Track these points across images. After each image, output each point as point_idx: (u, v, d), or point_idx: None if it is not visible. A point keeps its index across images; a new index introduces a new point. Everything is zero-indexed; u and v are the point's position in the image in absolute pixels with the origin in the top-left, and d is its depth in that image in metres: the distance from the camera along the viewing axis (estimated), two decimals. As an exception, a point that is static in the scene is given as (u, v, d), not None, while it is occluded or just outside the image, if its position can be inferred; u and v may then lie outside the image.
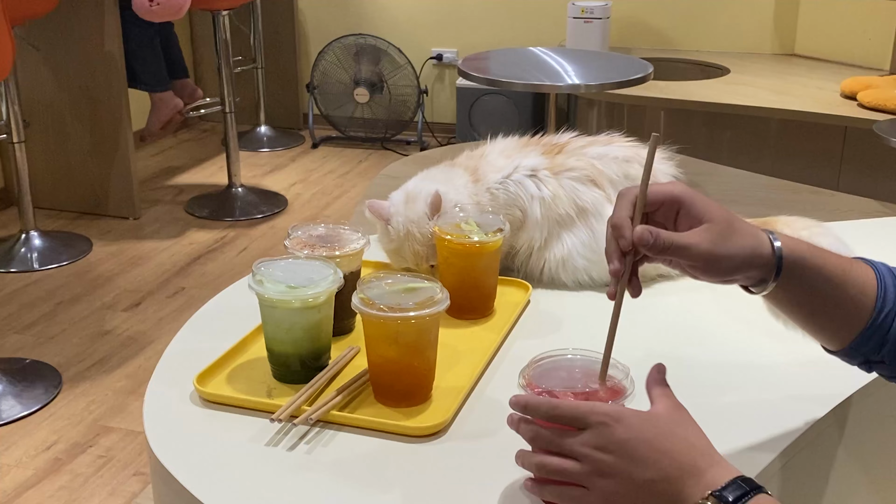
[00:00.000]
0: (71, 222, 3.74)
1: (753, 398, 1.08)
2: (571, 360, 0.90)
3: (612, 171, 1.31)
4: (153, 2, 3.25)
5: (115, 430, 2.41)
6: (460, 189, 1.31)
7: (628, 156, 1.33)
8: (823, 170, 3.46)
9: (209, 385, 1.05)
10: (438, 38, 4.79)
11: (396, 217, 1.28)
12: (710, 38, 4.49)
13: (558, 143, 1.34)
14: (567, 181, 1.30)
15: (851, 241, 1.52)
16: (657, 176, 1.33)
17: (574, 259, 1.30)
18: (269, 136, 4.86)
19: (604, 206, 1.29)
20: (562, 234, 1.31)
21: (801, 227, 1.29)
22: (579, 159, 1.31)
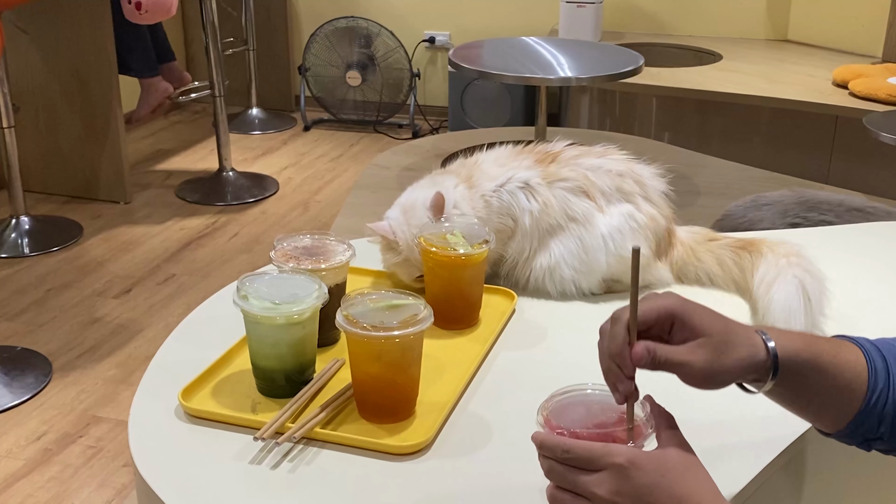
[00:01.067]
0: (61, 206, 3.74)
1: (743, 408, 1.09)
2: (590, 395, 0.88)
3: (604, 184, 1.31)
4: (141, 8, 3.24)
5: (105, 421, 2.42)
6: (453, 192, 1.31)
7: (622, 170, 1.34)
8: (814, 159, 3.47)
9: (194, 400, 1.06)
10: (431, 20, 4.77)
11: (401, 230, 1.29)
12: (703, 23, 4.48)
13: (552, 153, 1.35)
14: (559, 191, 1.30)
15: (836, 248, 1.53)
16: (648, 191, 1.34)
17: (561, 269, 1.31)
18: (261, 118, 4.84)
19: (594, 216, 1.30)
20: (549, 243, 1.31)
21: (783, 253, 1.30)
22: (573, 170, 1.32)
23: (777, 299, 1.23)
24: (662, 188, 1.37)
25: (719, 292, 1.37)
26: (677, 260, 1.37)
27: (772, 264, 1.28)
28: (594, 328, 1.26)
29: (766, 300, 1.25)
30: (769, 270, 1.27)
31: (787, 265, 1.27)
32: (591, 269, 1.31)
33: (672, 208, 1.37)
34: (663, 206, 1.35)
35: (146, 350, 2.72)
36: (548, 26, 4.52)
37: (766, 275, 1.27)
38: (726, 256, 1.36)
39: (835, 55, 4.11)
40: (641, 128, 3.77)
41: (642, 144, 3.14)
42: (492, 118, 4.40)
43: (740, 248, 1.36)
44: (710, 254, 1.38)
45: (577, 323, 1.29)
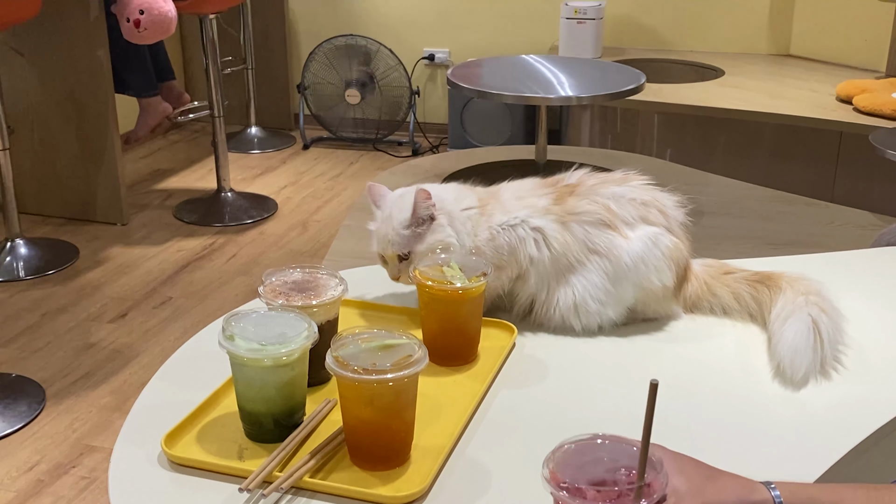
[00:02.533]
0: (58, 229, 3.69)
1: (750, 446, 1.05)
2: (600, 446, 0.83)
3: (628, 214, 1.27)
4: (140, 27, 3.20)
5: (98, 450, 2.37)
6: (465, 204, 1.28)
7: (646, 200, 1.29)
8: (818, 175, 3.43)
9: (177, 446, 1.01)
10: (430, 38, 4.74)
11: (385, 202, 1.29)
12: (704, 39, 4.45)
13: (570, 185, 1.30)
14: (577, 227, 1.26)
15: (848, 274, 1.49)
16: (671, 222, 1.30)
17: (587, 303, 1.26)
18: (260, 137, 4.81)
19: (616, 247, 1.25)
20: (571, 279, 1.26)
21: (803, 290, 1.26)
22: (592, 202, 1.27)
23: (786, 337, 1.19)
24: (682, 219, 1.33)
25: (733, 321, 1.32)
26: (691, 294, 1.33)
27: (789, 300, 1.25)
28: (596, 363, 1.23)
29: (777, 337, 1.21)
30: (786, 307, 1.24)
31: (804, 303, 1.23)
32: (619, 300, 1.27)
33: (690, 240, 1.33)
34: (684, 238, 1.32)
35: (141, 377, 2.67)
36: (548, 43, 4.49)
37: (783, 311, 1.24)
38: (743, 290, 1.32)
39: (838, 70, 4.07)
40: (643, 145, 3.73)
41: (644, 163, 3.09)
42: (492, 135, 4.36)
43: (758, 282, 1.32)
44: (726, 287, 1.34)
45: (579, 358, 1.24)
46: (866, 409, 1.12)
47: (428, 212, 1.25)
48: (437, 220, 1.26)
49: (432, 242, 1.25)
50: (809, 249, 1.61)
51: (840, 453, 1.03)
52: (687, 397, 1.16)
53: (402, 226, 1.25)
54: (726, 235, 2.47)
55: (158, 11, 3.22)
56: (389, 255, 1.27)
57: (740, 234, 2.50)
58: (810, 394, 1.16)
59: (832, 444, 1.05)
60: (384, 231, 1.27)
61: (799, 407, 1.13)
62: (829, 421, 1.11)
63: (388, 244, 1.26)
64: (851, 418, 1.10)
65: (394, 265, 1.28)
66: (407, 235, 1.25)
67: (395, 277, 1.28)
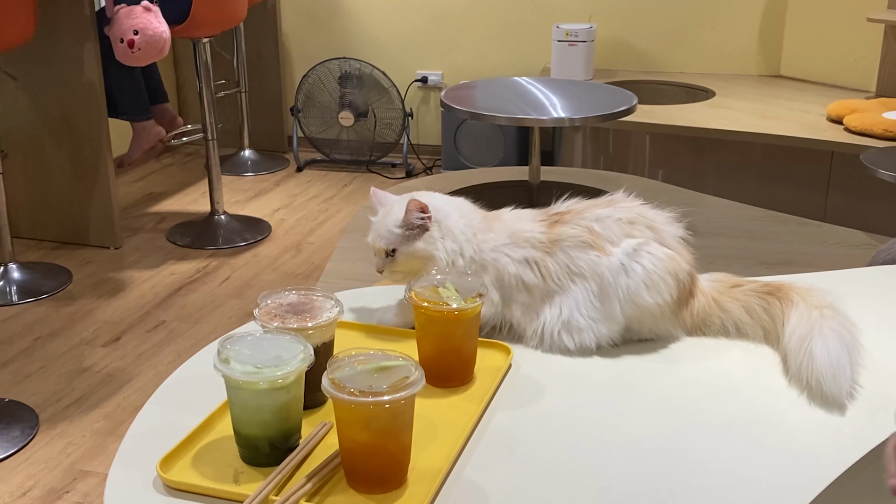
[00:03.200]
0: (50, 252, 3.69)
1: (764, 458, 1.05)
2: None
3: (612, 233, 1.27)
4: (134, 48, 3.21)
5: (92, 475, 2.35)
6: (466, 221, 1.30)
7: (632, 218, 1.29)
8: (810, 195, 3.44)
9: (173, 470, 1.01)
10: (423, 60, 4.76)
11: (389, 200, 1.33)
12: (695, 60, 4.47)
13: (559, 213, 1.32)
14: (561, 253, 1.27)
15: (843, 293, 1.49)
16: (663, 236, 1.30)
17: (577, 321, 1.26)
18: (254, 159, 4.82)
19: (598, 265, 1.26)
20: (556, 301, 1.27)
21: (816, 304, 1.25)
22: (575, 226, 1.28)
23: (819, 354, 1.17)
24: (679, 233, 1.32)
25: (746, 342, 1.32)
26: (698, 311, 1.32)
27: (804, 316, 1.23)
28: (592, 383, 1.23)
29: (803, 355, 1.19)
30: (801, 322, 1.23)
31: (820, 317, 1.22)
32: (609, 317, 1.26)
33: (693, 254, 1.32)
34: (682, 250, 1.30)
35: (135, 401, 2.66)
36: (539, 65, 4.51)
37: (799, 327, 1.22)
38: (754, 303, 1.31)
39: (828, 90, 4.10)
40: (635, 165, 3.74)
41: (637, 183, 3.11)
42: (486, 157, 4.37)
43: (768, 294, 1.30)
44: (736, 301, 1.32)
45: (576, 378, 1.24)
46: (865, 427, 1.12)
47: (418, 223, 1.28)
48: (429, 231, 1.28)
49: (418, 249, 1.28)
50: (803, 269, 1.61)
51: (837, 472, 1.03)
52: (685, 417, 1.15)
53: (395, 223, 1.29)
54: (719, 255, 2.47)
55: (153, 32, 3.23)
56: (377, 247, 1.30)
57: (733, 254, 2.51)
58: (814, 413, 1.15)
59: (827, 466, 1.05)
60: (380, 223, 1.31)
61: (810, 426, 1.13)
62: (823, 444, 1.11)
63: (378, 237, 1.30)
64: (854, 437, 1.10)
65: (380, 258, 1.31)
66: (397, 234, 1.28)
67: (379, 270, 1.32)
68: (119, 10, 3.27)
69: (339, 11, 4.80)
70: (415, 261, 1.28)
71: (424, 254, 1.27)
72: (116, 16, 3.27)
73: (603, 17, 4.45)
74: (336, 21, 4.82)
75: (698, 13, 4.41)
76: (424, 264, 1.27)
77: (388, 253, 1.29)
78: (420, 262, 1.27)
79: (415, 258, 1.28)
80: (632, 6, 4.45)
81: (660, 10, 4.44)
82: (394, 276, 1.30)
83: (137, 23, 3.22)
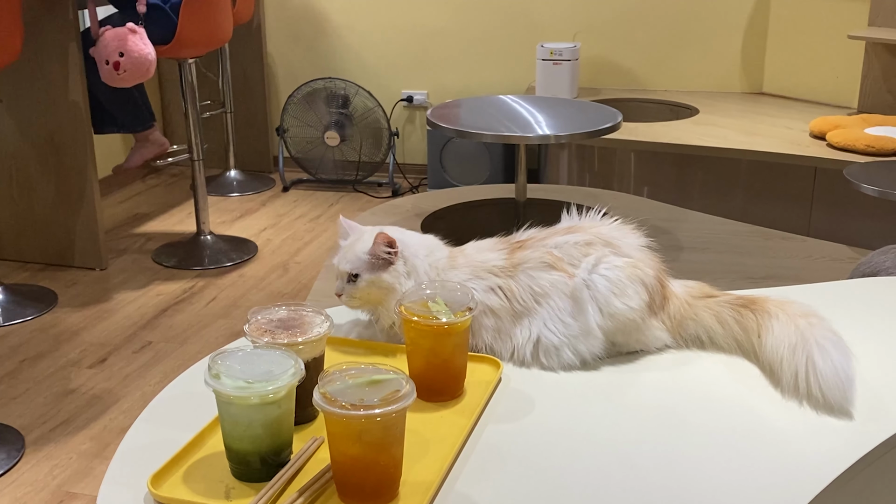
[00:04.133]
0: (36, 274, 3.67)
1: (755, 466, 1.05)
2: None
3: (571, 257, 1.30)
4: (120, 69, 3.21)
5: (79, 497, 2.33)
6: (434, 257, 1.32)
7: (588, 240, 1.31)
8: (794, 211, 3.47)
9: (164, 487, 1.00)
10: (408, 80, 4.78)
11: (354, 235, 1.34)
12: (678, 78, 4.51)
13: (520, 241, 1.34)
14: (522, 274, 1.29)
15: (828, 305, 1.50)
16: (622, 248, 1.31)
17: (548, 338, 1.27)
18: (239, 180, 4.82)
19: (564, 285, 1.28)
20: (523, 321, 1.29)
21: (799, 313, 1.26)
22: (536, 251, 1.31)
23: (824, 366, 1.18)
24: (640, 242, 1.34)
25: (721, 355, 1.33)
26: (675, 314, 1.33)
27: (788, 325, 1.24)
28: (582, 395, 1.23)
29: (801, 364, 1.20)
30: (787, 332, 1.23)
31: (808, 326, 1.23)
32: (585, 331, 1.27)
33: (660, 259, 1.34)
34: (644, 258, 1.32)
35: (121, 422, 2.65)
36: (524, 84, 4.54)
37: (787, 336, 1.23)
38: (726, 314, 1.32)
39: (810, 107, 4.14)
40: (621, 182, 3.76)
41: (622, 200, 3.12)
42: (472, 175, 4.39)
43: (741, 307, 1.31)
44: (709, 310, 1.33)
45: (566, 391, 1.24)
46: (853, 436, 1.13)
47: (384, 255, 1.29)
48: (395, 266, 1.29)
49: (382, 279, 1.29)
50: (788, 283, 1.63)
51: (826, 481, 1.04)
52: (675, 428, 1.16)
53: (363, 250, 1.29)
54: (705, 270, 2.49)
55: (138, 53, 3.23)
56: (341, 270, 1.31)
57: (718, 269, 2.52)
58: (804, 423, 1.16)
59: (818, 474, 1.06)
60: (348, 248, 1.32)
61: (795, 434, 1.14)
62: (814, 452, 1.11)
63: (344, 260, 1.31)
64: (844, 446, 1.11)
65: (341, 281, 1.31)
66: (363, 260, 1.29)
67: (338, 294, 1.32)
68: (104, 32, 3.28)
69: (324, 32, 4.82)
70: (376, 290, 1.29)
71: (387, 285, 1.28)
72: (102, 38, 3.27)
73: (587, 35, 4.48)
74: (321, 41, 4.83)
75: (682, 32, 4.45)
76: (384, 296, 1.29)
77: (351, 277, 1.30)
78: (380, 293, 1.29)
79: (376, 287, 1.29)
80: (616, 25, 4.49)
81: (643, 28, 4.47)
82: (351, 301, 1.31)
83: (122, 45, 3.22)
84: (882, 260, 1.91)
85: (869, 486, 1.14)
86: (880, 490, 1.18)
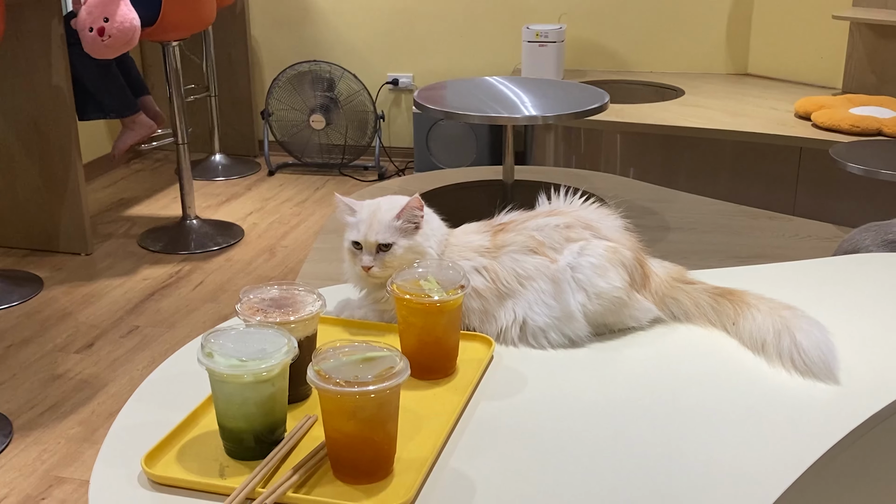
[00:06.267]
0: (21, 260, 3.65)
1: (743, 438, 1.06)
2: None
3: (552, 240, 1.31)
4: (104, 35, 3.18)
5: (68, 481, 2.33)
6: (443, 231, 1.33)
7: (568, 222, 1.33)
8: (780, 191, 3.48)
9: (158, 466, 1.00)
10: (394, 62, 4.77)
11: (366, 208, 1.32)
12: (664, 60, 4.51)
13: (502, 223, 1.36)
14: (506, 257, 1.30)
15: (814, 282, 1.51)
16: (602, 231, 1.33)
17: (533, 320, 1.29)
18: (225, 164, 4.79)
19: (546, 267, 1.29)
20: (507, 304, 1.29)
21: (780, 306, 1.29)
22: (519, 234, 1.32)
23: (809, 347, 1.22)
24: (619, 224, 1.37)
25: (706, 330, 1.34)
26: (656, 290, 1.35)
27: (771, 314, 1.28)
28: (574, 373, 1.24)
29: (785, 345, 1.23)
30: (769, 320, 1.27)
31: (792, 316, 1.27)
32: (568, 314, 1.28)
33: (638, 239, 1.37)
34: (623, 239, 1.34)
35: (110, 406, 2.64)
36: (510, 66, 4.53)
37: (771, 324, 1.26)
38: (703, 300, 1.35)
39: (795, 87, 4.15)
40: (607, 164, 3.77)
41: (609, 181, 3.13)
42: (458, 158, 4.38)
43: (719, 296, 1.35)
44: (687, 295, 1.36)
45: (557, 368, 1.25)
46: (840, 411, 1.14)
47: (417, 220, 1.29)
48: (422, 229, 1.30)
49: (417, 243, 1.29)
50: (774, 262, 1.63)
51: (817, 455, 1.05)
52: (667, 404, 1.16)
53: (390, 217, 1.28)
54: (692, 250, 2.50)
55: (123, 18, 3.20)
56: (370, 241, 1.28)
57: (705, 249, 2.53)
58: (793, 399, 1.17)
59: (806, 449, 1.07)
60: (369, 219, 1.29)
61: (782, 409, 1.15)
62: (802, 428, 1.12)
63: (371, 232, 1.28)
64: (827, 422, 1.12)
65: (370, 254, 1.29)
66: (395, 227, 1.28)
67: (368, 267, 1.29)
68: (87, 1, 3.24)
69: (309, 15, 4.79)
70: (411, 255, 1.29)
71: (421, 248, 1.29)
72: (85, 5, 3.24)
73: (573, 17, 4.47)
74: (306, 24, 4.81)
75: (667, 13, 4.44)
76: (414, 260, 1.28)
77: (381, 248, 1.29)
78: (414, 257, 1.28)
79: (412, 252, 1.29)
80: (601, 7, 4.48)
81: (629, 10, 4.47)
82: (385, 271, 1.28)
83: (107, 10, 3.19)
84: (863, 237, 1.93)
85: (858, 460, 1.15)
86: (870, 463, 1.19)
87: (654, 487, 0.99)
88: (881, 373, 1.23)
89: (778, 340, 1.24)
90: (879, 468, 1.23)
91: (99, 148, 4.57)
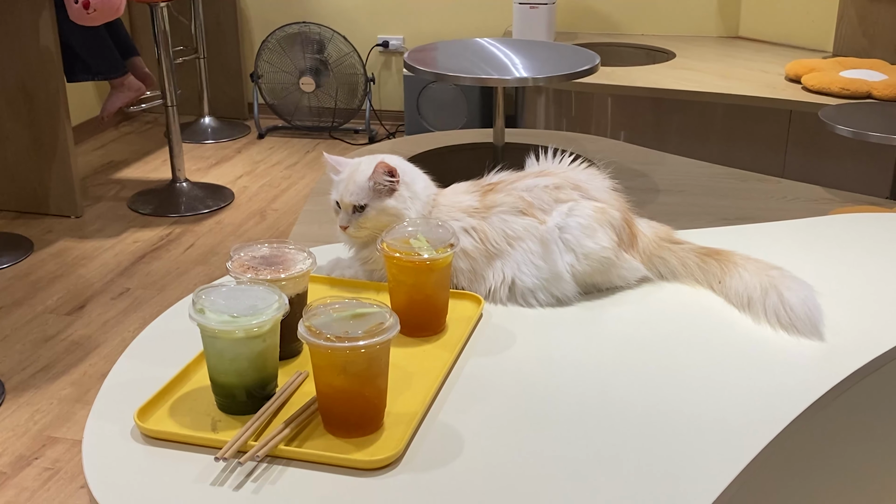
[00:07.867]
0: (10, 222, 3.64)
1: (729, 393, 1.07)
2: None
3: (541, 201, 1.32)
4: (89, 8, 3.16)
5: (61, 441, 2.35)
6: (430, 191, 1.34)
7: (557, 183, 1.34)
8: (769, 153, 3.49)
9: (150, 420, 1.02)
10: (384, 24, 4.74)
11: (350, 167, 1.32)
12: (655, 22, 4.49)
13: (491, 183, 1.36)
14: (495, 217, 1.31)
15: (798, 241, 1.52)
16: (591, 192, 1.34)
17: (521, 280, 1.29)
18: (214, 127, 4.77)
19: (535, 228, 1.30)
20: (496, 264, 1.30)
21: (767, 266, 1.31)
22: (508, 195, 1.32)
23: (795, 304, 1.23)
24: (608, 185, 1.37)
25: (692, 288, 1.35)
26: (644, 249, 1.36)
27: (758, 274, 1.29)
28: (562, 329, 1.25)
29: (772, 301, 1.25)
30: (756, 280, 1.28)
31: (779, 275, 1.28)
32: (556, 275, 1.29)
33: (626, 199, 1.38)
34: (611, 199, 1.35)
35: (101, 367, 2.65)
36: (501, 28, 4.51)
37: (758, 282, 1.28)
38: (690, 260, 1.36)
39: (786, 50, 4.14)
40: (598, 127, 3.76)
41: (599, 143, 3.13)
42: (449, 121, 4.37)
43: (706, 255, 1.36)
44: (674, 254, 1.38)
45: (545, 326, 1.26)
46: (826, 367, 1.16)
47: (385, 184, 1.29)
48: (399, 191, 1.30)
49: (388, 206, 1.29)
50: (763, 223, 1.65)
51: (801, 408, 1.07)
52: (652, 358, 1.18)
53: (365, 178, 1.29)
54: (681, 212, 2.51)
55: None
56: (346, 202, 1.30)
57: (695, 211, 2.54)
58: (781, 353, 1.19)
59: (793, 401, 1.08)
60: (348, 180, 1.30)
61: (767, 365, 1.17)
62: (789, 379, 1.14)
63: (347, 192, 1.30)
64: (811, 378, 1.14)
65: (346, 213, 1.30)
66: (366, 188, 1.29)
67: (344, 227, 1.30)
68: (73, -30, 3.22)
69: (298, -24, 4.75)
70: (385, 217, 1.28)
71: (395, 211, 1.29)
72: (70, -26, 3.21)
73: (563, -21, 4.44)
74: (295, -14, 4.77)
75: (658, -25, 4.42)
76: (390, 223, 1.28)
77: (357, 209, 1.29)
78: (389, 220, 1.28)
79: (385, 215, 1.29)
80: (592, -32, 4.46)
81: (620, -28, 4.45)
82: (359, 231, 1.30)
83: None
84: None
85: (843, 414, 1.17)
86: (854, 417, 1.21)
87: (640, 442, 1.01)
88: (866, 330, 1.24)
89: (764, 297, 1.26)
90: (863, 422, 1.25)
91: (88, 110, 4.54)
